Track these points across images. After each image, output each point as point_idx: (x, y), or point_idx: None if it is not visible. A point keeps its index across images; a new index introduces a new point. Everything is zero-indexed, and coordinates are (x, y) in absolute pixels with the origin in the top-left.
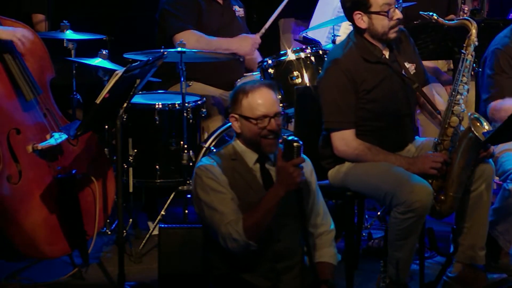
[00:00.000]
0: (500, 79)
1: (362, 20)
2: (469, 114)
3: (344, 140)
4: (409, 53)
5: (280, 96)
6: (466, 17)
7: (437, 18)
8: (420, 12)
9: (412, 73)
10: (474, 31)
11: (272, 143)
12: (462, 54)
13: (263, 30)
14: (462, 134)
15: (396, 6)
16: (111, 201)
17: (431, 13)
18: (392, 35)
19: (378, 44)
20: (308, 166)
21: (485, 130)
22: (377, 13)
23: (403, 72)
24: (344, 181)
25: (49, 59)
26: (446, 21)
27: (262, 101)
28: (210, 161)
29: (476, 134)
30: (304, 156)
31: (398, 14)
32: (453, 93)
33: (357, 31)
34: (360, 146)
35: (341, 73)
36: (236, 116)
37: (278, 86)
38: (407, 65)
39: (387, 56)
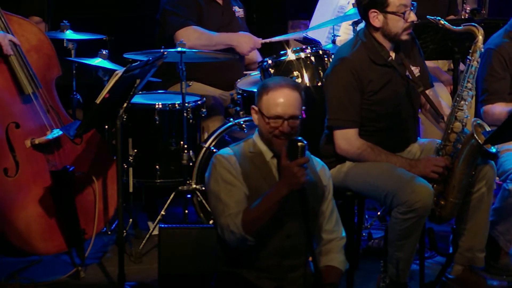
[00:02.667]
0: (492, 80)
1: (377, 19)
2: (472, 120)
3: (347, 139)
4: (414, 56)
5: None
6: (473, 23)
7: (444, 23)
8: (428, 17)
9: (416, 75)
10: (480, 38)
11: (282, 143)
12: (468, 61)
13: (267, 41)
14: (464, 140)
15: (411, 8)
16: (113, 202)
17: (438, 18)
18: (404, 37)
19: (386, 45)
20: (327, 172)
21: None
22: (393, 13)
23: (408, 75)
24: (344, 181)
25: (56, 57)
26: (454, 27)
27: (280, 101)
28: (228, 151)
29: (479, 141)
30: (322, 163)
31: (412, 17)
32: (457, 98)
33: (368, 29)
34: (363, 146)
35: (348, 72)
36: (256, 108)
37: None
38: (412, 68)
39: (393, 58)
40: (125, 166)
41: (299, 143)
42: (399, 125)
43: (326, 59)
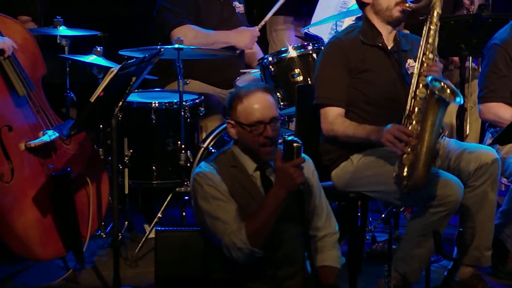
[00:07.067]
0: (494, 77)
1: None
2: (427, 78)
3: (324, 114)
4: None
5: (279, 95)
6: None
7: (411, 5)
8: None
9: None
10: (438, 3)
11: (269, 151)
12: (427, 22)
13: (262, 23)
14: (427, 100)
15: None
16: (105, 203)
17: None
18: (396, 13)
19: (384, 30)
20: (310, 167)
21: (449, 90)
22: None
23: (407, 68)
24: (353, 181)
25: (41, 55)
26: (417, 4)
27: (257, 106)
28: (209, 168)
29: (440, 94)
30: (306, 156)
31: None
32: (418, 65)
33: (364, 13)
34: (335, 120)
35: (336, 50)
36: (232, 122)
37: (276, 88)
38: (412, 63)
39: (388, 46)
40: (121, 167)
41: (295, 144)
42: (393, 111)
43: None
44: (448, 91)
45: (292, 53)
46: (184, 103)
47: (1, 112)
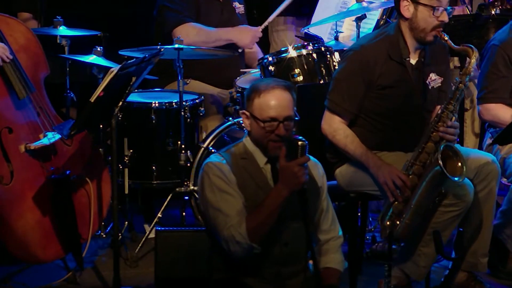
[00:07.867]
0: (493, 78)
1: (407, 9)
2: (442, 145)
3: (331, 121)
4: (442, 68)
5: None
6: (471, 45)
7: (447, 39)
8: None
9: (436, 86)
10: (473, 61)
11: (278, 147)
12: (457, 82)
13: (266, 23)
14: (430, 163)
15: (447, 10)
16: (106, 204)
17: (444, 33)
18: (430, 37)
19: (411, 45)
20: (319, 169)
21: (459, 164)
22: (424, 5)
23: (428, 82)
24: (357, 179)
25: (44, 56)
26: (454, 45)
27: (274, 103)
28: (219, 159)
29: (443, 168)
30: (315, 160)
31: (444, 16)
32: (436, 118)
33: (398, 23)
34: (339, 130)
35: (358, 62)
36: (247, 113)
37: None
38: (434, 77)
39: (413, 62)
40: (121, 167)
41: (300, 142)
42: (407, 126)
43: (328, 56)
44: (458, 164)
45: (292, 53)
46: (184, 103)
47: (1, 113)
